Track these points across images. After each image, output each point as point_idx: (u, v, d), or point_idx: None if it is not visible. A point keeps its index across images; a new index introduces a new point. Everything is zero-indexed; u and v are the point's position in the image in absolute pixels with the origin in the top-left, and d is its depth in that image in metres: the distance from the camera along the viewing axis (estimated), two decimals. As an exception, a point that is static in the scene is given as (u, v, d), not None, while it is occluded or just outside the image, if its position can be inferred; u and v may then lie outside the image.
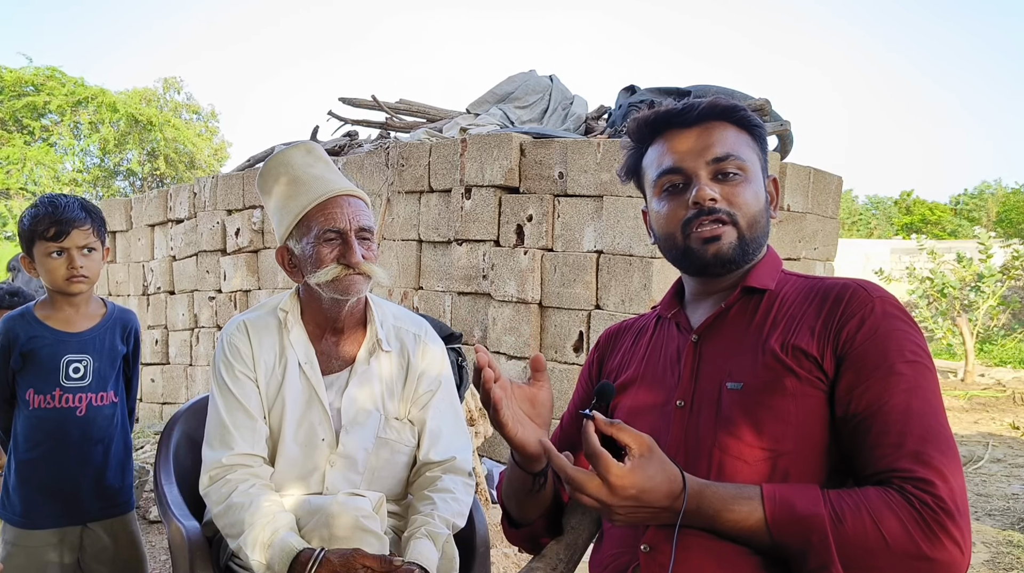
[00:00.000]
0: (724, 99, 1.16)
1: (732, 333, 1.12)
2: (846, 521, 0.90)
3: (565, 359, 4.02)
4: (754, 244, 1.13)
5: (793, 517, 0.92)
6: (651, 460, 0.93)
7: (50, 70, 20.70)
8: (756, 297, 1.13)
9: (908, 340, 1.00)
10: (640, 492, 0.91)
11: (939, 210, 28.59)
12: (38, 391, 1.89)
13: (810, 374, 1.02)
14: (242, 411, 1.57)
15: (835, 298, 1.05)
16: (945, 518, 0.89)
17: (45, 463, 1.90)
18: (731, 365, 1.09)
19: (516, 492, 1.25)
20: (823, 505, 0.92)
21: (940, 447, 0.93)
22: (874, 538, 0.89)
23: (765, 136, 1.20)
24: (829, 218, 4.76)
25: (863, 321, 1.01)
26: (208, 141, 24.47)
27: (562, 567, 1.24)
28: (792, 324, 1.06)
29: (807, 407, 1.02)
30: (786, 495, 0.94)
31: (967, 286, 9.81)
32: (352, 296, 1.56)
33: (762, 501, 0.93)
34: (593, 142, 3.97)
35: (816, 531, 0.90)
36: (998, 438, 6.28)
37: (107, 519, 1.98)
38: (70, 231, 1.84)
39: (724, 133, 1.13)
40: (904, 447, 0.93)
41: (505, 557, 3.01)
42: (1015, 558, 3.50)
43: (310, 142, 1.75)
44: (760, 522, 0.93)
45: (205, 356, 6.08)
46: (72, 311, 1.95)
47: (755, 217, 1.12)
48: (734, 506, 0.94)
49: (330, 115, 6.13)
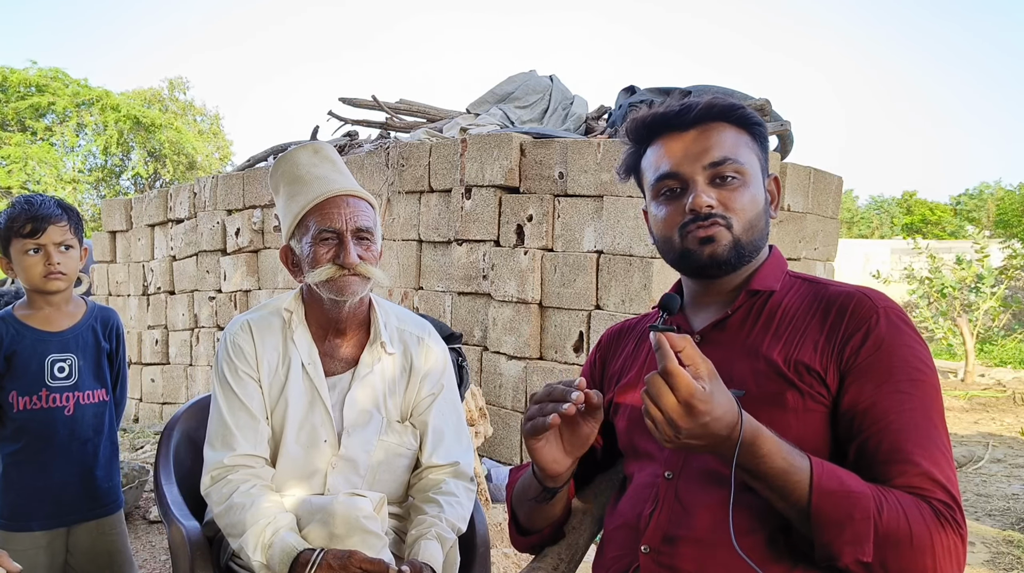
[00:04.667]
0: (721, 99, 1.14)
1: (735, 338, 1.11)
2: (884, 512, 0.91)
3: (565, 359, 4.01)
4: (750, 247, 1.12)
5: (842, 488, 0.91)
6: (720, 386, 0.90)
7: (54, 71, 20.70)
8: (760, 301, 1.13)
9: (913, 355, 1.00)
10: (712, 418, 0.87)
11: (939, 210, 28.58)
12: (22, 393, 1.86)
13: (812, 389, 1.02)
14: (244, 411, 1.57)
15: (839, 309, 1.05)
16: (960, 544, 0.93)
17: (32, 465, 1.88)
18: (733, 371, 1.08)
19: (528, 501, 1.25)
20: (868, 488, 0.93)
21: (945, 472, 0.96)
22: (904, 535, 0.91)
23: (766, 134, 1.19)
24: (829, 218, 4.76)
25: (867, 335, 1.01)
26: (212, 141, 24.46)
27: (563, 567, 1.24)
28: (795, 336, 1.06)
29: (808, 423, 1.01)
30: (833, 469, 0.94)
31: (966, 287, 9.80)
32: (348, 297, 1.55)
33: (811, 463, 0.93)
34: (593, 142, 3.97)
35: (860, 508, 0.90)
36: (998, 438, 6.28)
37: (95, 520, 1.96)
38: (46, 227, 1.83)
39: (722, 135, 1.12)
40: (918, 467, 0.95)
41: (505, 557, 3.01)
42: (1015, 558, 3.50)
43: (319, 142, 1.76)
44: (804, 482, 0.91)
45: (205, 356, 6.08)
46: (52, 310, 1.93)
47: (751, 221, 1.11)
48: (787, 455, 0.92)
49: (330, 115, 6.14)
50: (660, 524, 1.08)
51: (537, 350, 4.14)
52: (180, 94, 24.37)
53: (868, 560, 0.90)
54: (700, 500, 1.05)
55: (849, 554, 0.91)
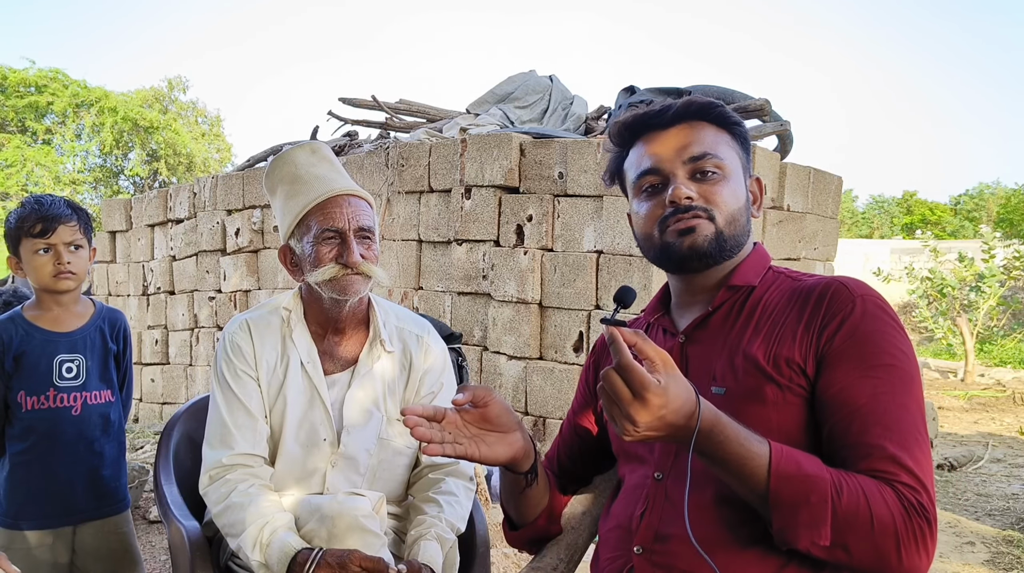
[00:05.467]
0: (700, 97, 1.15)
1: (717, 336, 1.12)
2: (843, 495, 0.91)
3: (565, 359, 4.02)
4: (732, 241, 1.12)
5: (799, 473, 0.92)
6: (675, 376, 0.90)
7: (53, 72, 20.71)
8: (742, 296, 1.13)
9: (887, 342, 1.00)
10: (668, 410, 0.88)
11: (939, 210, 28.61)
12: (30, 393, 1.87)
13: (791, 382, 1.02)
14: (243, 411, 1.57)
15: (816, 299, 1.04)
16: (927, 528, 0.91)
17: (39, 464, 1.89)
18: (715, 368, 1.09)
19: (511, 494, 1.26)
20: (827, 472, 0.93)
21: (914, 456, 0.94)
22: (864, 518, 0.90)
23: (746, 134, 1.19)
24: (829, 218, 4.76)
25: (843, 322, 1.01)
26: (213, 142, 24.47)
27: (562, 567, 1.24)
28: (775, 330, 1.06)
29: (788, 416, 1.02)
30: (793, 453, 0.94)
31: (967, 286, 9.80)
32: (350, 297, 1.56)
33: (770, 447, 0.93)
34: (593, 142, 3.97)
35: (817, 492, 0.90)
36: (998, 438, 6.28)
37: (101, 519, 1.97)
38: (56, 227, 1.84)
39: (701, 132, 1.13)
40: (884, 450, 0.94)
41: (505, 557, 3.01)
42: (1015, 558, 3.50)
43: (316, 142, 1.75)
44: (763, 466, 0.92)
45: (205, 356, 6.08)
46: (61, 311, 1.94)
47: (733, 215, 1.11)
48: (744, 441, 0.93)
49: (330, 115, 6.14)
50: (651, 524, 1.09)
51: (537, 350, 4.14)
52: (180, 94, 24.37)
53: (825, 543, 0.90)
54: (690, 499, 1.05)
55: (805, 537, 0.91)
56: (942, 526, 3.93)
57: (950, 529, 3.89)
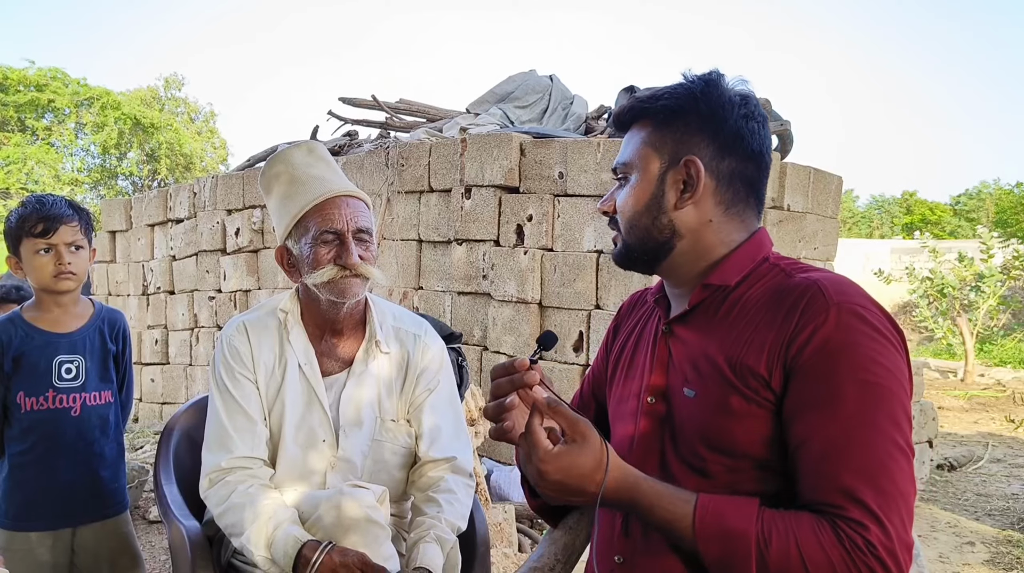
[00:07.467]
0: (635, 99, 1.12)
1: (693, 335, 1.08)
2: (772, 545, 0.88)
3: (565, 359, 4.02)
4: (639, 248, 1.10)
5: (721, 530, 0.91)
6: (582, 446, 0.94)
7: (53, 71, 20.71)
8: (720, 294, 1.06)
9: (863, 355, 0.91)
10: (562, 477, 0.93)
11: (939, 210, 28.60)
12: (29, 394, 1.87)
13: (756, 395, 0.96)
14: (242, 414, 1.56)
15: (791, 304, 0.96)
16: (876, 565, 0.85)
17: (38, 465, 1.88)
18: (687, 370, 1.06)
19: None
20: (754, 524, 0.90)
21: (877, 485, 0.87)
22: (795, 562, 0.87)
23: (670, 107, 1.07)
24: (829, 218, 4.76)
25: (814, 333, 0.92)
26: (208, 139, 24.47)
27: (559, 568, 1.25)
28: (745, 335, 1.00)
29: (751, 428, 0.97)
30: (720, 507, 0.93)
31: (967, 286, 9.81)
32: (348, 299, 1.55)
33: (695, 507, 0.93)
34: (593, 142, 3.97)
35: (740, 550, 0.89)
36: (998, 438, 6.28)
37: (101, 520, 1.97)
38: (58, 227, 1.84)
39: (630, 138, 1.13)
40: (838, 481, 0.89)
41: (505, 557, 3.01)
42: (1015, 558, 3.51)
43: (312, 142, 1.75)
44: (688, 529, 0.93)
45: (205, 356, 6.08)
46: (60, 311, 1.94)
47: (629, 221, 1.10)
48: (669, 505, 0.94)
49: (330, 115, 6.14)
50: (633, 534, 1.08)
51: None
52: (175, 91, 24.37)
53: None
54: None
55: None
56: (942, 526, 3.93)
57: (950, 529, 3.89)
